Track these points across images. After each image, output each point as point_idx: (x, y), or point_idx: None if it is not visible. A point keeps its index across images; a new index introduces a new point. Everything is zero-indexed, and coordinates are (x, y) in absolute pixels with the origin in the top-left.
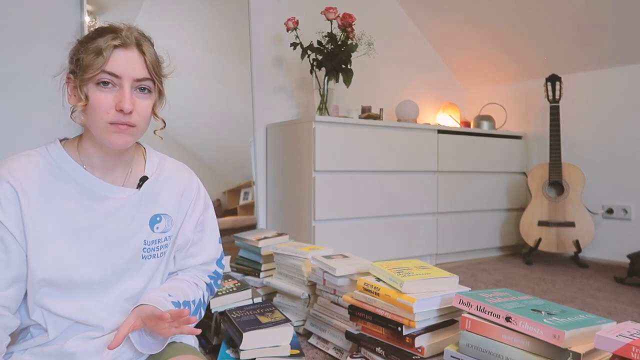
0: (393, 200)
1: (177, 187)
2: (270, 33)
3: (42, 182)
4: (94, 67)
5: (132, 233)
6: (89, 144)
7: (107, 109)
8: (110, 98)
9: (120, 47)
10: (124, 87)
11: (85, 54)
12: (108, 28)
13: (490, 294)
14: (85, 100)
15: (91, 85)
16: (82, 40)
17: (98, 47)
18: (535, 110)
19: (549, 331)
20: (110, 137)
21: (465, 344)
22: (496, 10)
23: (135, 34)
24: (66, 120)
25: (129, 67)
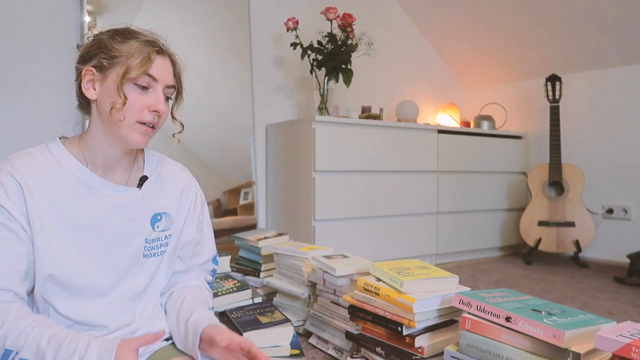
0: (393, 200)
1: (176, 187)
2: (270, 33)
3: (45, 179)
4: (140, 68)
5: (134, 231)
6: (95, 141)
7: (141, 109)
8: (145, 99)
9: (160, 54)
10: (157, 90)
11: (123, 54)
12: (138, 32)
13: (490, 294)
14: (124, 98)
15: (129, 85)
16: (108, 38)
17: (142, 49)
18: (535, 110)
19: (549, 331)
20: (135, 137)
21: (465, 344)
22: (496, 10)
23: (165, 43)
24: (66, 119)
25: (165, 73)
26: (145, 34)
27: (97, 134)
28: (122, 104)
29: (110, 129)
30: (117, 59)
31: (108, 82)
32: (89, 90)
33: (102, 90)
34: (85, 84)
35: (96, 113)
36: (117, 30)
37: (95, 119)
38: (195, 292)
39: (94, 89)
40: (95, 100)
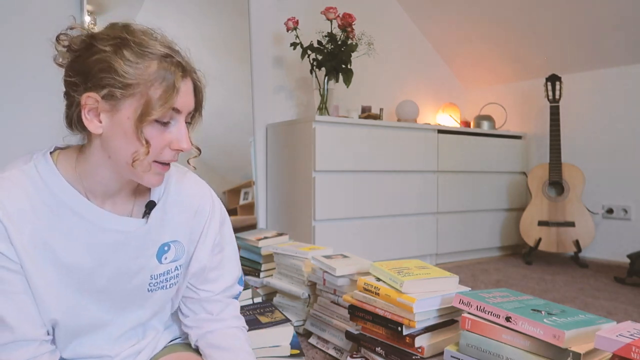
0: (393, 200)
1: (188, 209)
2: (270, 33)
3: (34, 214)
4: (164, 105)
5: (138, 269)
6: (96, 173)
7: (161, 148)
8: (166, 135)
9: (184, 76)
10: (180, 123)
11: (140, 82)
12: (151, 42)
13: (490, 294)
14: (147, 145)
15: (148, 124)
16: (114, 56)
17: (163, 73)
18: (535, 110)
19: (549, 331)
20: (151, 178)
21: (465, 344)
22: (496, 10)
23: (186, 57)
24: (64, 121)
25: (189, 101)
26: (159, 43)
27: (100, 167)
28: (145, 154)
29: (119, 168)
30: (133, 88)
31: (120, 117)
32: (92, 122)
33: (111, 125)
34: (87, 114)
35: (99, 147)
36: (123, 41)
37: (97, 152)
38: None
39: (99, 121)
40: (100, 135)
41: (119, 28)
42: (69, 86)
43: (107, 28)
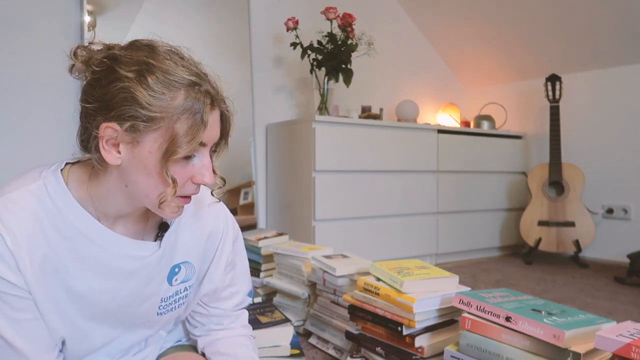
0: (393, 200)
1: (201, 231)
2: (270, 33)
3: (44, 240)
4: (191, 142)
5: (150, 294)
6: (111, 199)
7: (183, 183)
8: (188, 169)
9: (213, 108)
10: (204, 156)
11: (165, 115)
12: (176, 67)
13: (490, 294)
14: (174, 184)
15: (172, 161)
16: (138, 85)
17: (190, 106)
18: (535, 110)
19: (549, 331)
20: (170, 211)
21: (465, 343)
22: (496, 10)
23: (214, 82)
24: (65, 119)
25: (215, 133)
26: (186, 70)
27: (115, 193)
28: (173, 194)
29: (136, 198)
30: (157, 122)
31: (141, 150)
32: (109, 153)
33: (131, 158)
34: (105, 145)
35: (116, 175)
36: (148, 68)
37: (113, 180)
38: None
39: (117, 152)
40: (119, 165)
41: (143, 49)
42: (86, 112)
43: (130, 49)
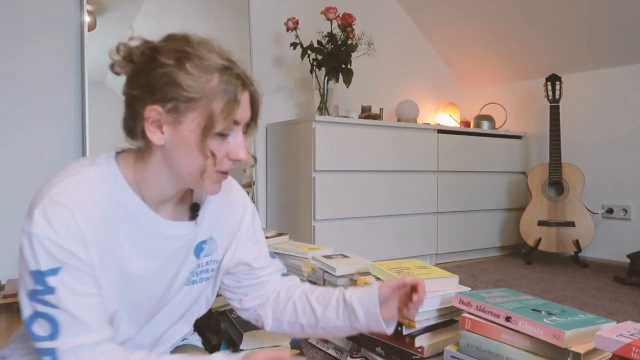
0: (393, 200)
1: (224, 207)
2: (270, 33)
3: (105, 221)
4: (227, 119)
5: (183, 268)
6: (156, 181)
7: (221, 159)
8: (224, 146)
9: (244, 88)
10: (238, 134)
11: (203, 95)
12: (210, 54)
13: (490, 294)
14: (213, 156)
15: (210, 136)
16: (178, 70)
17: (224, 86)
18: (535, 110)
19: (549, 331)
20: (211, 186)
21: (465, 343)
22: (496, 10)
23: (243, 67)
24: (65, 119)
25: (246, 112)
26: (218, 55)
27: (160, 176)
28: (213, 165)
29: (180, 177)
30: (196, 102)
31: (182, 130)
32: (154, 134)
33: (173, 137)
34: (150, 126)
35: (160, 157)
36: (186, 54)
37: (158, 162)
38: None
39: (161, 133)
40: (162, 146)
41: (179, 40)
42: (131, 99)
43: (167, 40)
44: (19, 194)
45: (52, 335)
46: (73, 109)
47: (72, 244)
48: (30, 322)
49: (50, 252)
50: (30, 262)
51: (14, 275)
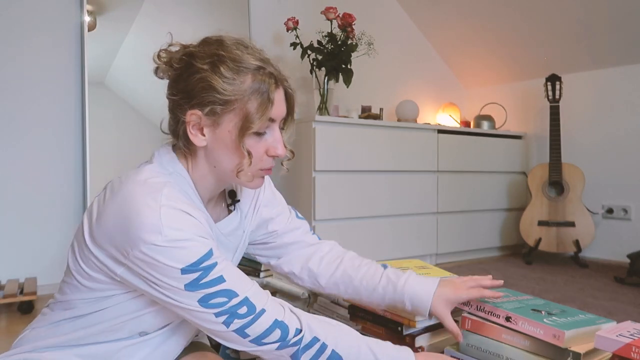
0: (393, 200)
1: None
2: (270, 33)
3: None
4: (261, 118)
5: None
6: (205, 181)
7: (260, 157)
8: (262, 143)
9: (277, 86)
10: (274, 131)
11: (238, 97)
12: (244, 55)
13: None
14: (250, 156)
15: (247, 136)
16: (213, 75)
17: (258, 86)
18: (535, 110)
19: (549, 331)
20: (255, 183)
21: (466, 343)
22: (496, 10)
23: (276, 65)
24: (65, 118)
25: (281, 109)
26: (251, 56)
27: (207, 175)
28: (249, 164)
29: (224, 176)
30: (231, 104)
31: (221, 131)
32: (196, 136)
33: (213, 138)
34: (191, 129)
35: (204, 158)
36: (220, 58)
37: (203, 163)
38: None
39: (202, 134)
40: (204, 147)
41: (213, 44)
42: (173, 104)
43: (202, 45)
44: (19, 194)
45: (231, 296)
46: (73, 109)
47: (200, 230)
48: (205, 306)
49: (187, 246)
50: (174, 264)
51: (14, 275)
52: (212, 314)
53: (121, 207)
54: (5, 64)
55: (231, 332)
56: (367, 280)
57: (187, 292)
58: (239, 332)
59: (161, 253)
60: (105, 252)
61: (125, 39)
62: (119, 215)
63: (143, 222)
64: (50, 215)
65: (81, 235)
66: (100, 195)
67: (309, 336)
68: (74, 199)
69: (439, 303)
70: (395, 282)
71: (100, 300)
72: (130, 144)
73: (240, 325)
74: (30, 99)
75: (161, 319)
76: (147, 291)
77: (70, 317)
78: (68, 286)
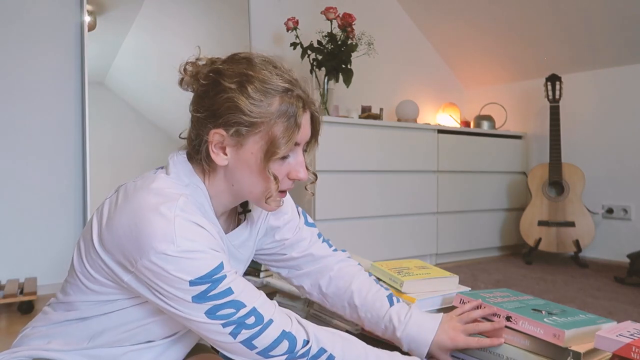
0: (393, 200)
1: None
2: (270, 33)
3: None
4: (288, 144)
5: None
6: (221, 197)
7: (281, 179)
8: (285, 166)
9: (305, 110)
10: (298, 154)
11: (265, 120)
12: (272, 76)
13: (491, 294)
14: (275, 180)
15: (272, 161)
16: (240, 95)
17: (285, 110)
18: (535, 110)
19: (549, 330)
20: (272, 204)
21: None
22: (496, 10)
23: (304, 86)
24: (65, 117)
25: (307, 132)
26: (280, 78)
27: (224, 192)
28: (276, 190)
29: (242, 195)
30: (257, 126)
31: (245, 152)
32: (218, 155)
33: (236, 159)
34: (214, 148)
35: (223, 176)
36: (248, 78)
37: (221, 180)
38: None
39: (224, 154)
40: (225, 166)
41: (242, 62)
42: (197, 120)
43: (230, 62)
44: (19, 193)
45: (238, 307)
46: (73, 109)
47: (212, 243)
48: (212, 318)
49: (198, 258)
50: (183, 276)
51: (14, 275)
52: (219, 324)
53: (134, 215)
54: (5, 63)
55: (238, 344)
56: (372, 313)
57: (194, 304)
58: (246, 343)
59: (171, 263)
60: (113, 258)
61: (125, 39)
62: (131, 223)
63: (156, 231)
64: (51, 215)
65: (89, 236)
66: (113, 197)
67: (316, 347)
68: (74, 199)
69: (436, 349)
70: (397, 325)
71: (104, 304)
72: (130, 144)
73: (248, 336)
74: (30, 99)
75: (168, 328)
76: (153, 301)
77: (73, 318)
78: (71, 287)
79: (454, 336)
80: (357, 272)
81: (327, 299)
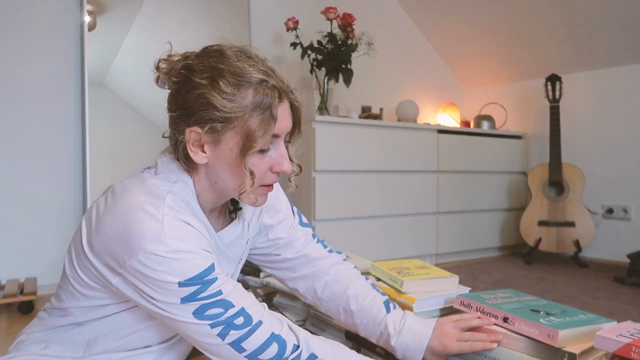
0: (393, 200)
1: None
2: (270, 33)
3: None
4: (264, 136)
5: (239, 264)
6: (205, 194)
7: (263, 173)
8: (266, 159)
9: (281, 100)
10: (279, 146)
11: (239, 114)
12: (246, 67)
13: (493, 295)
14: (252, 176)
15: (249, 155)
16: (212, 91)
17: (260, 101)
18: (535, 110)
19: (543, 331)
20: (258, 199)
21: None
22: (496, 10)
23: (281, 74)
24: (65, 117)
25: (286, 123)
26: (253, 68)
27: (209, 189)
28: (251, 185)
29: (226, 192)
30: (232, 121)
31: (222, 149)
32: (197, 154)
33: (214, 156)
34: (191, 147)
35: (205, 174)
36: (219, 72)
37: (204, 178)
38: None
39: (202, 152)
40: (206, 164)
41: (213, 56)
42: (172, 119)
43: (201, 56)
44: (19, 194)
45: (227, 307)
46: (73, 109)
47: (202, 244)
48: (200, 318)
49: (188, 259)
50: (171, 278)
51: (14, 275)
52: (207, 325)
53: (122, 215)
54: (5, 63)
55: (226, 346)
56: (367, 319)
57: (182, 305)
58: (235, 345)
59: (160, 263)
60: (101, 261)
61: (125, 39)
62: (119, 223)
63: (144, 230)
64: (51, 215)
65: (79, 241)
66: (101, 199)
67: (307, 353)
68: (74, 199)
69: (429, 355)
70: (392, 333)
71: (96, 309)
72: (130, 144)
73: (237, 338)
74: (30, 98)
75: (163, 333)
76: (140, 303)
77: (67, 324)
78: (64, 292)
79: (446, 342)
80: (354, 276)
81: (321, 303)
